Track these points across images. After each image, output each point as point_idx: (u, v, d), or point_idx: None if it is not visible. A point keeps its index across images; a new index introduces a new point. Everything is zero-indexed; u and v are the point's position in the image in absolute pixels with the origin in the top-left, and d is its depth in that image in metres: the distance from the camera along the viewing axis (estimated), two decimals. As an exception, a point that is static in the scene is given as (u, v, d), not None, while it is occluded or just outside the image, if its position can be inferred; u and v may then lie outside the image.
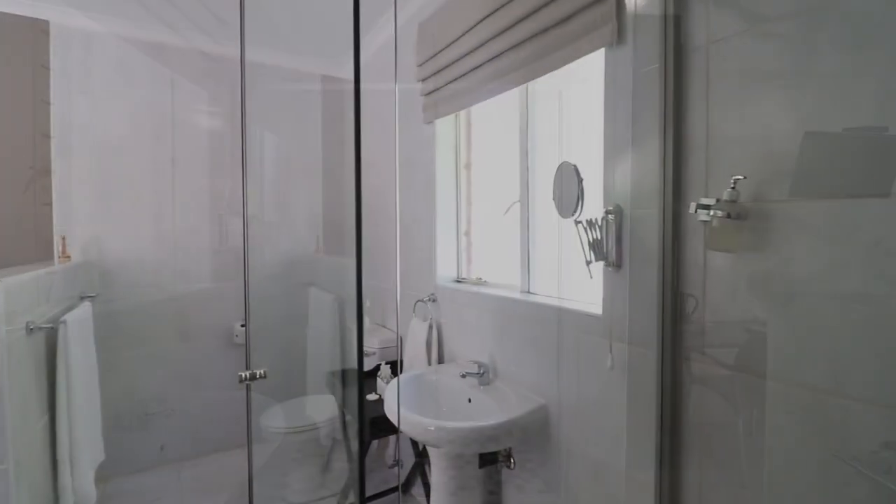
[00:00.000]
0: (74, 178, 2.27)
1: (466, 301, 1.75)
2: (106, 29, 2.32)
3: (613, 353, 1.09)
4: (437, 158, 1.94)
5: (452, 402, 1.54)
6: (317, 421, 2.05)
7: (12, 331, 1.27)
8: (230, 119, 2.64)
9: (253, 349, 2.73)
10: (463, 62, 1.69)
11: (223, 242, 2.64)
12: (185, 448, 2.56)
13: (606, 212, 1.09)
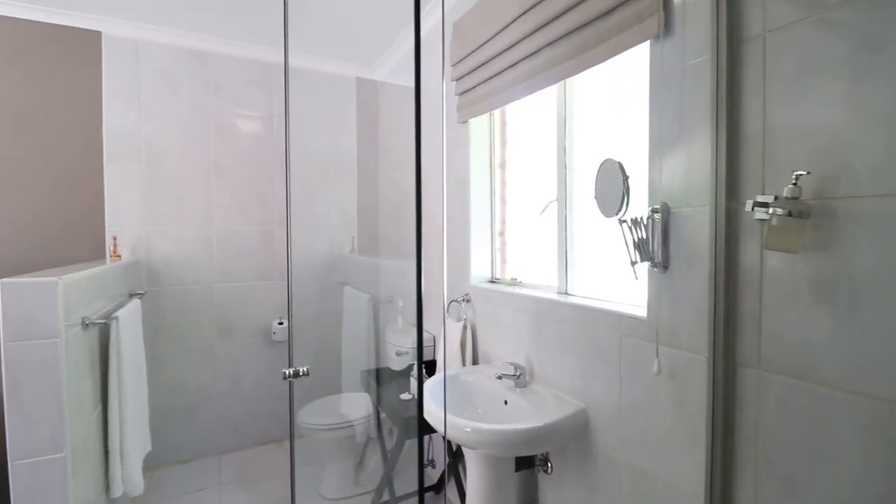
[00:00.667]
0: (124, 181, 2.38)
1: (501, 302, 1.73)
2: (153, 38, 2.42)
3: (660, 357, 1.04)
4: (471, 158, 1.92)
5: (488, 403, 1.52)
6: (351, 419, 2.07)
7: (70, 326, 1.34)
8: (268, 122, 2.72)
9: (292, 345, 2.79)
10: (498, 60, 1.67)
11: (263, 242, 2.72)
12: (225, 441, 2.65)
13: (652, 210, 1.04)
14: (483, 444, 1.26)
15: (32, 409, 1.25)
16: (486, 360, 1.80)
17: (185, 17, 2.31)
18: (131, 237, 2.39)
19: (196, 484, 2.33)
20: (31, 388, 1.25)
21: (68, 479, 1.31)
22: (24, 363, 1.24)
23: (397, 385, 1.98)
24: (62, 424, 1.29)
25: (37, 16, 2.19)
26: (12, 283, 1.22)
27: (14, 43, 2.17)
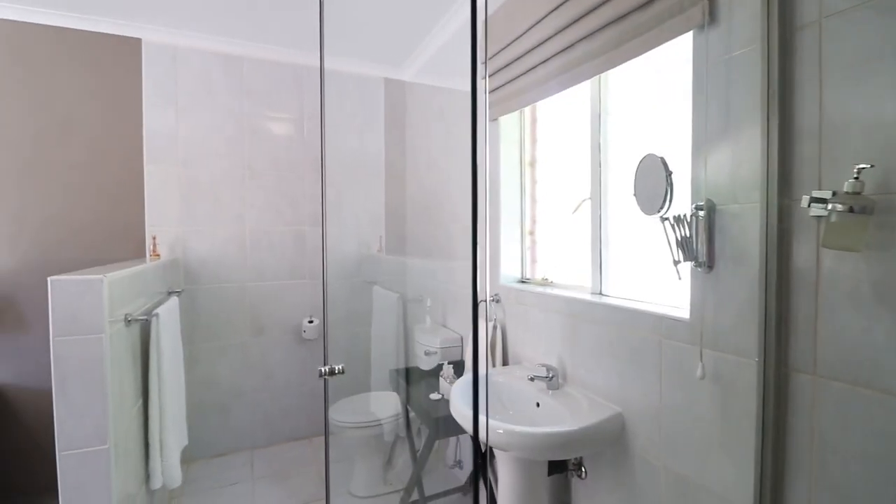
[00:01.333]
0: (163, 182, 2.46)
1: (532, 302, 1.70)
2: (190, 44, 2.49)
3: (704, 361, 1.00)
4: (501, 156, 1.90)
5: (519, 405, 1.50)
6: (380, 417, 2.08)
7: (113, 322, 1.39)
8: (299, 124, 2.76)
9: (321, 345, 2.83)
10: (530, 56, 1.64)
11: (294, 242, 2.76)
12: (258, 436, 2.71)
13: (696, 207, 1.00)
14: (515, 446, 1.24)
15: (79, 402, 1.30)
16: (515, 361, 1.78)
17: (220, 22, 2.37)
18: (170, 237, 2.47)
19: (230, 478, 2.38)
20: (77, 382, 1.30)
21: (111, 470, 1.36)
22: (72, 358, 1.29)
23: (426, 385, 1.98)
24: (106, 417, 1.33)
25: (81, 25, 2.29)
26: (61, 280, 1.27)
27: (61, 51, 2.27)
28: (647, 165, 1.04)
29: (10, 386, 2.22)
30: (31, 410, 2.24)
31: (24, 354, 2.22)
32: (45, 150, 2.25)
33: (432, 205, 2.53)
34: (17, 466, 2.23)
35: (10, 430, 2.22)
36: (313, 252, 2.81)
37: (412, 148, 2.83)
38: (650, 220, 1.24)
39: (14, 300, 2.21)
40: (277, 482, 2.35)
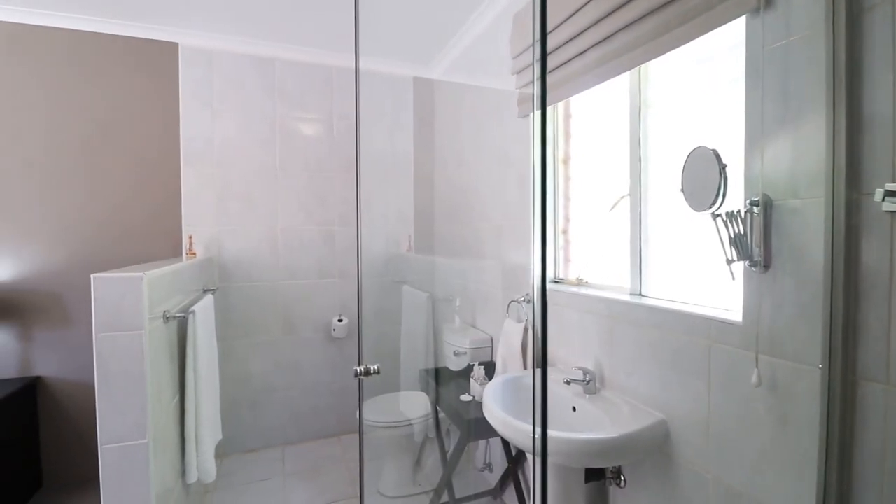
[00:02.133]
0: (199, 183, 2.52)
1: (566, 303, 1.65)
2: (224, 47, 2.55)
3: (760, 367, 0.93)
4: (532, 153, 1.85)
5: (554, 409, 1.45)
6: (410, 417, 2.06)
7: (152, 318, 1.42)
8: (328, 124, 2.78)
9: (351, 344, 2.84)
10: (564, 49, 1.59)
11: (324, 241, 2.79)
12: (289, 433, 2.74)
13: (750, 203, 0.94)
14: (552, 452, 1.19)
15: (120, 397, 1.33)
16: (550, 364, 1.73)
17: (253, 25, 2.41)
18: (205, 236, 2.52)
19: (262, 474, 2.42)
20: (119, 377, 1.33)
21: (150, 463, 1.38)
22: (114, 353, 1.32)
23: (455, 386, 1.95)
24: (145, 412, 1.36)
25: (122, 31, 2.37)
26: (103, 277, 1.31)
27: (102, 57, 2.35)
28: (697, 158, 0.98)
29: (55, 378, 2.31)
30: (73, 402, 2.33)
31: (69, 348, 2.32)
32: (90, 153, 2.34)
33: (461, 203, 2.50)
34: (59, 457, 2.33)
35: (55, 421, 2.32)
36: (342, 251, 2.83)
37: (441, 146, 2.81)
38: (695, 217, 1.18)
39: (60, 296, 2.30)
40: (307, 479, 2.37)
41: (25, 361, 2.26)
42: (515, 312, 1.90)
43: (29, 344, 2.27)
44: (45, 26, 2.25)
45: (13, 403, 2.08)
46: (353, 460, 2.56)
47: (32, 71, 2.24)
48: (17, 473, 2.11)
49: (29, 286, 2.26)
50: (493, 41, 2.16)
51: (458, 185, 2.57)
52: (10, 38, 2.20)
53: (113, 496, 1.35)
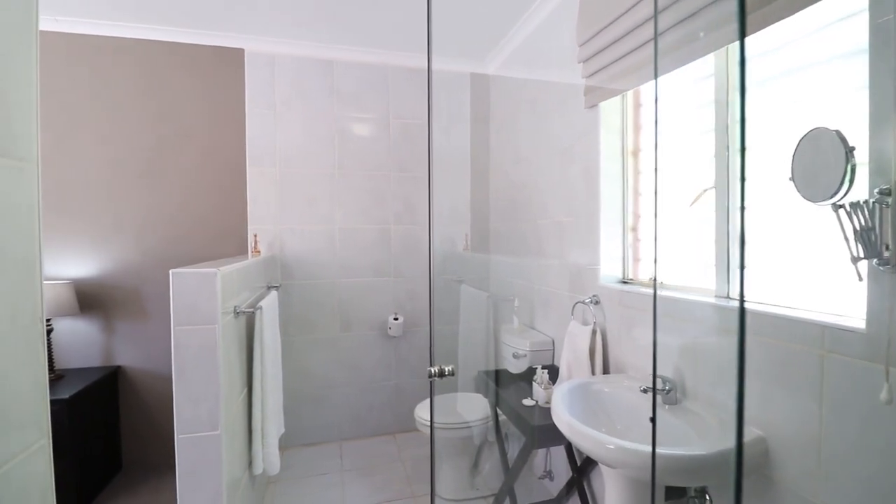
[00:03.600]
0: (263, 184, 2.61)
1: (638, 305, 1.54)
2: (286, 51, 2.62)
3: (891, 382, 0.80)
4: (600, 146, 1.75)
5: (629, 418, 1.36)
6: (468, 419, 2.02)
7: (225, 313, 1.46)
8: (384, 123, 2.79)
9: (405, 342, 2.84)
10: (637, 33, 1.49)
11: (380, 239, 2.80)
12: (346, 429, 2.78)
13: (879, 192, 0.81)
14: (630, 465, 1.10)
15: (195, 389, 1.38)
16: (619, 370, 1.62)
17: (313, 28, 2.46)
18: (268, 235, 2.61)
19: (321, 468, 2.46)
20: (194, 370, 1.37)
21: (222, 454, 1.42)
22: (189, 346, 1.37)
23: (516, 389, 1.88)
24: (218, 404, 1.40)
25: (194, 39, 2.49)
26: (181, 273, 1.36)
27: (176, 65, 2.48)
28: (814, 141, 0.86)
29: (134, 368, 2.46)
30: (150, 391, 2.47)
31: (146, 340, 2.46)
32: (165, 156, 2.48)
33: (519, 201, 2.42)
34: (136, 442, 2.48)
35: (133, 408, 2.47)
36: (398, 250, 2.83)
37: (498, 142, 2.75)
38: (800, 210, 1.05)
39: (138, 291, 2.45)
40: (364, 476, 2.38)
41: (108, 351, 2.43)
42: (581, 314, 1.80)
43: (111, 335, 2.43)
44: (128, 38, 2.40)
45: (97, 390, 2.24)
46: (409, 459, 2.56)
47: (117, 79, 2.40)
48: (100, 456, 2.27)
49: (111, 281, 2.42)
50: (555, 31, 2.07)
51: (516, 181, 2.50)
52: (98, 50, 2.37)
53: (188, 484, 1.39)
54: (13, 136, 0.51)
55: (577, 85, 1.86)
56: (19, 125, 0.52)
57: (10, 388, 0.48)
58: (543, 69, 2.20)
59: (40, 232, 0.55)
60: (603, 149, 1.75)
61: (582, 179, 1.85)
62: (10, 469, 0.48)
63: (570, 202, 1.94)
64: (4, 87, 0.50)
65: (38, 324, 0.53)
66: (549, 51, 2.13)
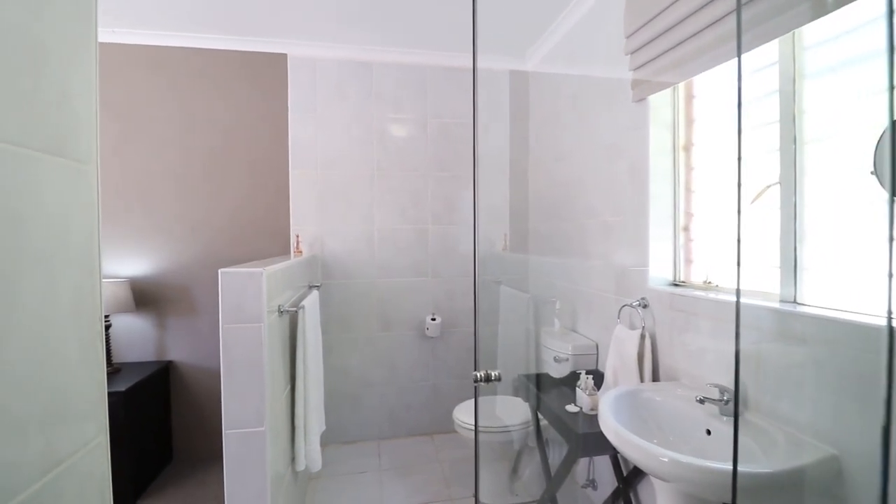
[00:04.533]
0: (304, 185, 2.66)
1: (691, 309, 1.46)
2: (327, 54, 2.66)
3: None
4: (649, 141, 1.67)
5: (683, 430, 1.28)
6: (508, 424, 1.98)
7: (270, 312, 1.49)
8: (422, 124, 2.78)
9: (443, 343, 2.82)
10: (690, 21, 1.41)
11: (417, 240, 2.80)
12: (383, 428, 2.79)
13: None
14: (686, 480, 1.04)
15: (242, 386, 1.41)
16: (670, 377, 1.54)
17: (353, 31, 2.49)
18: (309, 235, 2.66)
19: (360, 466, 2.48)
20: (241, 367, 1.41)
21: (267, 450, 1.45)
22: (237, 344, 1.40)
23: (558, 394, 1.82)
24: (264, 401, 1.43)
25: (239, 46, 2.57)
26: (229, 272, 1.39)
27: (223, 70, 2.57)
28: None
29: (184, 363, 2.57)
30: (199, 386, 2.57)
31: (195, 337, 2.57)
32: (214, 159, 2.57)
33: (561, 200, 2.36)
34: (185, 435, 2.58)
35: (183, 403, 2.58)
36: (435, 250, 2.82)
37: (538, 140, 2.69)
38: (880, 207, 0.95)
39: (188, 289, 2.56)
40: (403, 476, 2.38)
41: (161, 347, 2.55)
42: (628, 318, 1.73)
43: (164, 331, 2.55)
44: (178, 47, 2.51)
45: (151, 384, 2.35)
46: (446, 461, 2.54)
47: (169, 86, 2.51)
48: (152, 447, 2.38)
49: (163, 279, 2.53)
50: (598, 24, 2.00)
51: (557, 180, 2.43)
52: (151, 59, 2.49)
53: (235, 478, 1.43)
54: (76, 139, 0.52)
55: (624, 78, 1.78)
56: (81, 129, 0.53)
57: (71, 385, 0.49)
58: (586, 64, 2.13)
59: (99, 232, 0.56)
60: (652, 144, 1.66)
61: (629, 176, 1.78)
62: (71, 465, 0.49)
63: (617, 200, 1.86)
64: (68, 93, 0.51)
65: (97, 323, 0.54)
66: (592, 44, 2.06)
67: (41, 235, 0.46)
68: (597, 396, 1.60)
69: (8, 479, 0.40)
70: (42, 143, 0.46)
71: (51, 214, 0.47)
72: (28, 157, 0.44)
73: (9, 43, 0.42)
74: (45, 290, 0.46)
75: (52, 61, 0.48)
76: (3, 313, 0.40)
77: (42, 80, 0.46)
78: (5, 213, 0.41)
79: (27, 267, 0.43)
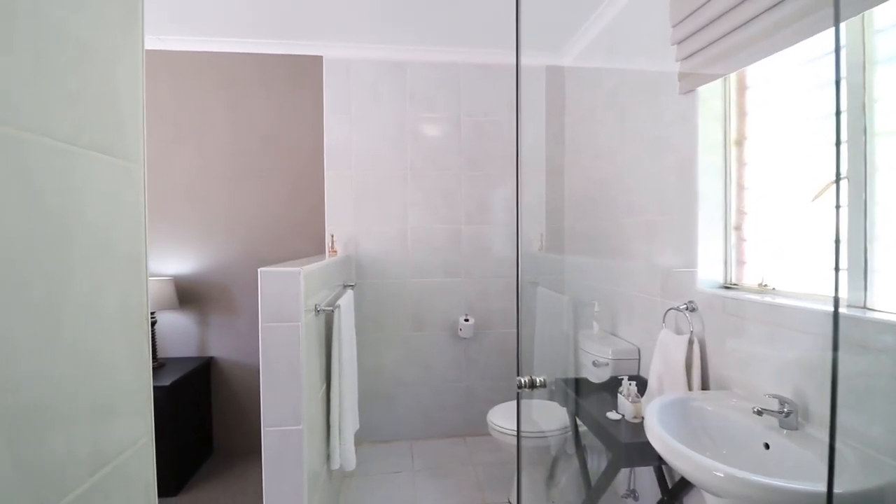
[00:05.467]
0: (339, 186, 2.69)
1: (745, 313, 1.37)
2: (361, 55, 2.67)
3: None
4: (698, 135, 1.58)
5: (738, 442, 1.20)
6: (545, 429, 1.92)
7: (307, 311, 1.50)
8: (455, 123, 2.76)
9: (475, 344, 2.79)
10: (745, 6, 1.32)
11: (450, 239, 2.78)
12: (417, 428, 2.79)
13: None
14: (743, 497, 0.96)
15: (281, 385, 1.42)
16: (720, 386, 1.45)
17: (387, 31, 2.49)
18: (344, 235, 2.68)
19: (393, 466, 2.48)
20: (280, 365, 1.42)
21: (304, 448, 1.46)
22: (276, 342, 1.41)
23: (598, 400, 1.75)
24: (301, 400, 1.44)
25: (278, 50, 2.62)
26: (268, 271, 1.41)
27: (260, 74, 2.63)
28: None
29: (225, 360, 2.64)
30: (238, 382, 2.64)
31: (235, 334, 2.63)
32: (250, 161, 2.63)
33: (600, 198, 2.28)
34: (225, 429, 2.65)
35: (223, 398, 2.65)
36: (468, 250, 2.79)
37: (574, 137, 2.61)
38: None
39: (228, 287, 2.63)
40: (436, 478, 2.36)
41: (203, 343, 2.63)
42: (674, 322, 1.64)
43: (205, 328, 2.63)
44: (219, 52, 2.58)
45: (193, 379, 2.43)
46: (480, 464, 2.50)
47: (214, 91, 2.59)
48: (194, 440, 2.45)
49: (206, 277, 2.61)
50: (641, 14, 1.92)
51: (594, 178, 2.36)
52: (194, 65, 2.57)
53: (273, 475, 1.45)
54: (123, 138, 0.52)
55: (669, 70, 1.69)
56: (128, 128, 0.53)
57: (118, 385, 0.49)
58: (627, 57, 2.05)
59: (146, 230, 0.56)
60: (701, 138, 1.57)
61: (676, 173, 1.69)
62: (118, 465, 0.48)
63: (662, 198, 1.77)
64: (115, 93, 0.51)
65: (143, 322, 0.54)
66: (633, 36, 1.98)
67: (90, 234, 0.45)
68: (640, 404, 1.53)
69: (58, 479, 0.40)
70: (90, 142, 0.46)
71: (99, 213, 0.47)
72: (77, 155, 0.44)
73: (56, 42, 0.42)
74: (93, 289, 0.46)
75: (98, 61, 0.48)
76: (52, 313, 0.40)
77: (89, 80, 0.46)
78: (56, 210, 0.41)
79: (76, 266, 0.43)
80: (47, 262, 0.40)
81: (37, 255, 0.38)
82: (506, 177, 2.81)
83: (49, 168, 0.41)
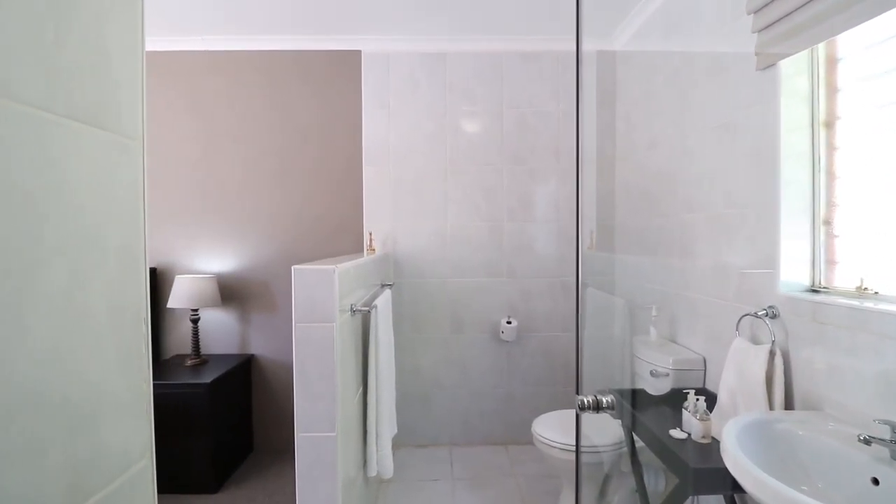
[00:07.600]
0: (377, 182, 2.62)
1: (839, 321, 1.16)
2: (399, 48, 2.60)
3: None
4: (780, 116, 1.38)
5: (836, 475, 1.01)
6: (597, 444, 1.77)
7: (342, 311, 1.42)
8: (497, 115, 2.63)
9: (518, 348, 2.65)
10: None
11: (491, 237, 2.66)
12: (456, 433, 2.68)
13: None
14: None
15: (314, 388, 1.36)
16: (809, 406, 1.25)
17: (426, 20, 2.40)
18: (382, 233, 2.62)
19: (432, 473, 2.39)
20: (313, 368, 1.35)
21: (339, 455, 1.38)
22: (309, 344, 1.35)
23: (657, 415, 1.58)
24: (335, 404, 1.36)
25: (316, 45, 2.59)
26: (302, 269, 1.34)
27: (299, 71, 2.60)
28: None
29: (264, 357, 2.64)
30: (277, 380, 2.63)
31: (274, 332, 2.63)
32: (288, 158, 2.61)
33: (657, 192, 2.09)
34: (265, 427, 2.65)
35: (262, 396, 2.65)
36: (511, 248, 2.66)
37: (627, 127, 2.42)
38: None
39: (268, 285, 2.62)
40: (476, 487, 2.25)
41: (244, 340, 2.64)
42: (749, 329, 1.45)
43: (246, 326, 2.64)
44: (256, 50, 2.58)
45: (235, 376, 2.43)
46: (521, 475, 2.36)
47: (248, 88, 2.59)
48: (234, 437, 2.46)
49: (247, 275, 2.62)
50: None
51: (649, 170, 2.16)
52: (233, 63, 2.58)
53: (306, 481, 1.38)
54: (116, 109, 0.44)
55: (741, 45, 1.50)
56: (123, 98, 0.45)
57: (104, 396, 0.41)
58: (687, 35, 1.85)
59: (145, 218, 0.48)
60: (784, 119, 1.37)
61: (751, 160, 1.49)
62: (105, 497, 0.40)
63: (732, 189, 1.58)
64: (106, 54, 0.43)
65: (140, 324, 0.46)
66: (695, 11, 1.78)
67: (69, 219, 0.37)
68: (710, 422, 1.35)
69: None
70: (69, 110, 0.38)
71: (83, 195, 0.39)
72: (53, 124, 0.36)
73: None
74: (71, 284, 0.37)
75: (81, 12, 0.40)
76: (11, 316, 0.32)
77: (69, 34, 0.38)
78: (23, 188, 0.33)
79: (48, 255, 0.35)
80: (8, 248, 0.32)
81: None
82: (550, 171, 2.65)
83: (15, 137, 0.33)
